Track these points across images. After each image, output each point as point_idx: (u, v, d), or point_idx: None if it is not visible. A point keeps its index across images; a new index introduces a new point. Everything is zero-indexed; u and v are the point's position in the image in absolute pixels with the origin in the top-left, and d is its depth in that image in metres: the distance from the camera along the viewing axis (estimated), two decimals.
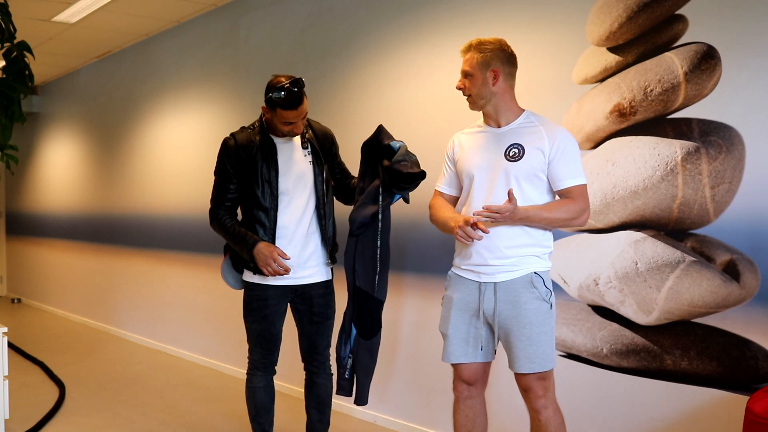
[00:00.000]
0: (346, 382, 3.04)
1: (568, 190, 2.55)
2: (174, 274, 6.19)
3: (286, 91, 2.91)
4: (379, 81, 4.15)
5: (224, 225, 3.12)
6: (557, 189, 2.57)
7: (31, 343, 6.48)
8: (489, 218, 2.49)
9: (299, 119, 3.01)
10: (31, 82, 4.06)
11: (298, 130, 3.06)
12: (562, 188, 2.56)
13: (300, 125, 3.05)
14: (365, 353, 3.02)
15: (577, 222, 2.58)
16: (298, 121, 3.02)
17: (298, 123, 3.03)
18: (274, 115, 3.00)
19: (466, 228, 2.49)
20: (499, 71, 2.58)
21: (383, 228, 2.96)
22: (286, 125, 3.02)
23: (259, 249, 3.02)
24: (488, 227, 2.50)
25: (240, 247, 3.08)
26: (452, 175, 2.77)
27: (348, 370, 3.03)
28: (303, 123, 3.07)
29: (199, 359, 5.75)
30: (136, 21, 6.01)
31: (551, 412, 2.56)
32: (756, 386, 2.60)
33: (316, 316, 3.19)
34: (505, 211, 2.45)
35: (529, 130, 2.59)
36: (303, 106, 2.98)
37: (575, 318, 3.16)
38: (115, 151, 7.22)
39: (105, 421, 4.23)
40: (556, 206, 2.55)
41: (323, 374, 3.26)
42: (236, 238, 3.08)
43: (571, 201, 2.54)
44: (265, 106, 3.03)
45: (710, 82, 2.73)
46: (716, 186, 2.71)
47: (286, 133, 3.07)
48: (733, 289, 2.66)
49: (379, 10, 4.16)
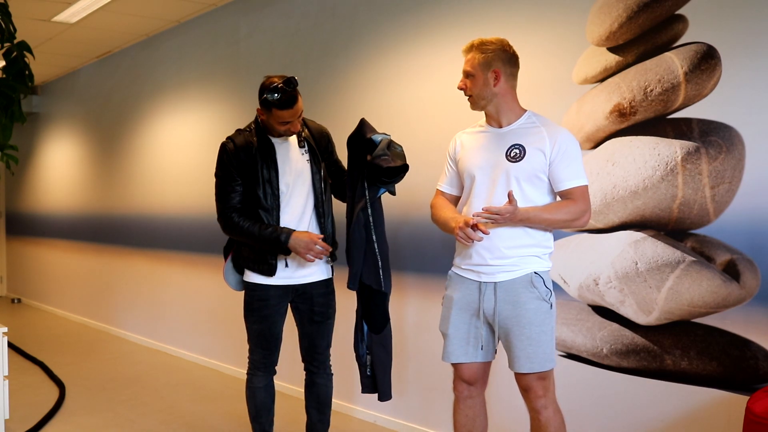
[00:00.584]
0: (369, 380, 3.04)
1: (569, 192, 2.55)
2: (174, 274, 6.19)
3: (280, 91, 2.91)
4: (380, 81, 4.15)
5: (245, 228, 3.06)
6: (558, 190, 2.57)
7: (31, 343, 6.48)
8: (489, 219, 2.49)
9: (295, 118, 3.02)
10: (31, 82, 4.06)
11: (295, 129, 3.06)
12: (563, 189, 2.56)
13: (296, 124, 3.05)
14: (379, 348, 3.02)
15: (578, 223, 2.58)
16: (294, 120, 3.02)
17: (294, 122, 3.03)
18: (270, 115, 3.00)
19: (466, 229, 2.49)
20: (501, 72, 2.57)
21: (375, 221, 2.97)
22: (283, 125, 3.02)
23: (297, 237, 2.99)
24: (488, 228, 2.50)
25: (271, 243, 3.03)
26: (454, 175, 2.77)
27: (368, 367, 3.03)
28: (299, 122, 3.07)
29: (199, 359, 5.75)
30: (136, 21, 6.01)
31: (551, 412, 2.56)
32: (756, 386, 2.60)
33: (317, 315, 3.19)
34: (505, 213, 2.45)
35: (530, 130, 2.58)
36: (298, 105, 2.99)
37: (575, 318, 3.16)
38: (115, 151, 7.22)
39: (105, 421, 4.23)
40: (557, 207, 2.55)
41: (323, 374, 3.26)
42: (264, 237, 3.02)
43: (572, 202, 2.54)
44: (260, 108, 3.03)
45: (710, 82, 2.73)
46: (716, 186, 2.71)
47: (283, 132, 3.07)
48: (733, 289, 2.66)
49: (380, 9, 4.15)
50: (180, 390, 4.95)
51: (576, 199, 2.54)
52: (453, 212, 2.70)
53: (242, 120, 4.48)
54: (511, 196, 2.45)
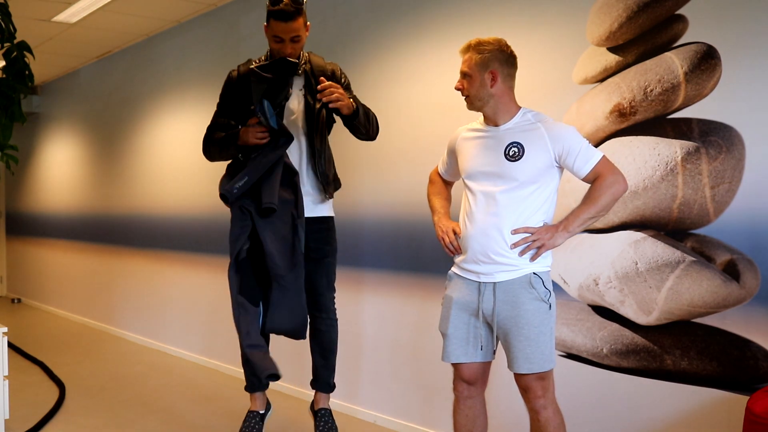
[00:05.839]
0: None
1: (593, 173, 2.52)
2: (174, 274, 6.19)
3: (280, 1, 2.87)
4: (378, 81, 4.15)
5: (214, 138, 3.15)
6: (583, 177, 2.54)
7: (31, 343, 6.47)
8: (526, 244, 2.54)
9: (288, 37, 2.94)
10: (31, 82, 4.06)
11: (285, 51, 2.98)
12: (586, 174, 2.53)
13: (289, 47, 2.97)
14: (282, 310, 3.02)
15: (621, 190, 2.53)
16: (287, 41, 2.94)
17: (287, 43, 2.95)
18: (268, 29, 2.96)
19: (452, 242, 2.67)
20: (498, 72, 2.56)
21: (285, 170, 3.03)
22: (276, 42, 2.96)
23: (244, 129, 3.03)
24: (524, 252, 2.54)
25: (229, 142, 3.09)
26: (452, 164, 2.81)
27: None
28: (296, 48, 2.99)
29: (199, 359, 5.75)
30: (136, 21, 6.01)
31: (550, 413, 2.56)
32: (756, 386, 2.60)
33: (312, 252, 3.15)
34: (536, 233, 2.52)
35: (527, 128, 2.57)
36: (294, 23, 2.92)
37: (575, 318, 3.16)
38: (115, 151, 7.22)
39: (105, 421, 4.23)
40: (595, 197, 2.51)
41: (326, 320, 3.22)
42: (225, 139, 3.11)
43: (600, 180, 2.50)
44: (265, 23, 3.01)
45: (710, 82, 2.73)
46: (716, 186, 2.71)
47: (276, 51, 2.99)
48: (733, 289, 2.66)
49: (380, 10, 4.15)
50: (180, 390, 4.95)
51: (603, 174, 2.50)
52: (444, 207, 2.81)
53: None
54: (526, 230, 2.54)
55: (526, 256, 2.55)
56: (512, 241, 2.54)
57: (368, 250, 4.14)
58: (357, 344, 4.18)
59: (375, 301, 4.15)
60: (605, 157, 2.54)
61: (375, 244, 4.11)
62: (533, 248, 2.53)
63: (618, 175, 2.52)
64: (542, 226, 2.55)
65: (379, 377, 4.14)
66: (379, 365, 4.14)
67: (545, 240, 2.52)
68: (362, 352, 4.20)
